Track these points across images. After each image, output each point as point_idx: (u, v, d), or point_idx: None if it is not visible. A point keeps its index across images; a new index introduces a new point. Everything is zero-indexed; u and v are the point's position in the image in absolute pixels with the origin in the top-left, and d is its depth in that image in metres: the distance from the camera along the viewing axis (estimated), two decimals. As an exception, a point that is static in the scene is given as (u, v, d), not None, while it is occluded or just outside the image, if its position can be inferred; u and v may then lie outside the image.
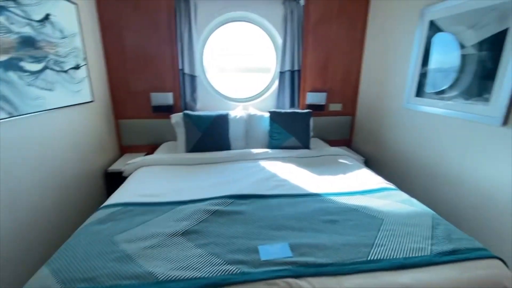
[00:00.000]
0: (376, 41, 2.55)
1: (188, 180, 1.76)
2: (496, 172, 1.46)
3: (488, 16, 1.45)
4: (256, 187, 1.62)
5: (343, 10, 2.63)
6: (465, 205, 1.66)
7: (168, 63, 2.52)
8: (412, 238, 1.13)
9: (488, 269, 0.98)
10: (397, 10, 2.22)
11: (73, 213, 1.88)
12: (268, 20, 2.60)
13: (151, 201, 1.46)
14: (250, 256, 1.01)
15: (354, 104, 2.96)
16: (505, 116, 1.38)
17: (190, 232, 1.17)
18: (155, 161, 2.04)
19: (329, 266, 0.96)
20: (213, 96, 2.74)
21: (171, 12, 2.38)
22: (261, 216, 1.30)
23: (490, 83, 1.45)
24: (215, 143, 2.24)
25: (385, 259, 1.00)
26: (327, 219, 1.28)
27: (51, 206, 1.66)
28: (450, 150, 1.75)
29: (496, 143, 1.45)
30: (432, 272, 0.96)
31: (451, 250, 1.04)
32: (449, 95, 1.74)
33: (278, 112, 2.37)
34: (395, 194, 1.55)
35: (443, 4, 1.74)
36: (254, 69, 2.87)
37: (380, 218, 1.29)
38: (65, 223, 1.78)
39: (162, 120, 2.64)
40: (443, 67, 1.79)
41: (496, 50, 1.41)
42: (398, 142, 2.27)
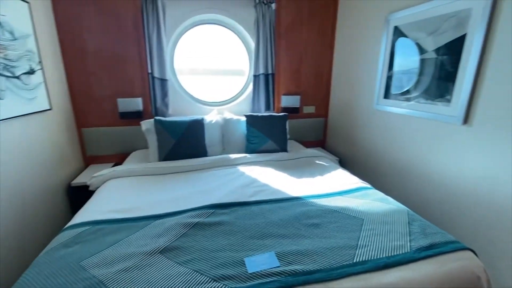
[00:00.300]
0: (345, 45, 2.65)
1: (163, 191, 1.66)
2: (459, 167, 1.57)
3: (447, 22, 1.56)
4: (237, 195, 1.57)
5: (313, 15, 2.69)
6: (433, 200, 1.77)
7: (136, 67, 2.37)
8: (392, 236, 1.17)
9: (461, 261, 1.04)
10: (364, 16, 2.33)
11: (33, 237, 1.68)
12: (240, 23, 2.58)
13: (123, 217, 1.34)
14: (236, 270, 0.96)
15: (327, 106, 3.05)
16: (465, 116, 1.50)
17: (170, 249, 1.09)
18: (125, 172, 1.89)
19: (318, 273, 0.95)
20: (185, 100, 2.65)
21: (138, 13, 2.25)
22: (244, 226, 1.26)
23: (451, 85, 1.56)
24: (190, 150, 2.15)
25: (370, 260, 1.02)
26: (310, 223, 1.28)
27: (6, 229, 1.46)
28: (417, 148, 1.86)
29: (458, 141, 1.57)
30: (413, 268, 0.99)
31: (428, 245, 1.09)
32: (411, 96, 1.86)
33: (255, 116, 2.35)
34: (371, 193, 1.60)
35: (405, 12, 1.85)
36: (227, 71, 2.82)
37: (361, 218, 1.31)
38: (23, 248, 1.58)
39: (131, 127, 2.48)
40: (405, 70, 1.91)
41: (456, 55, 1.53)
42: (370, 142, 2.37)
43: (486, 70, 1.39)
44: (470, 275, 1.00)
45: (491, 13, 1.33)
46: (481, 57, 1.40)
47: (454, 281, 0.98)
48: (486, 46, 1.38)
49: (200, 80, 2.74)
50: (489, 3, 1.33)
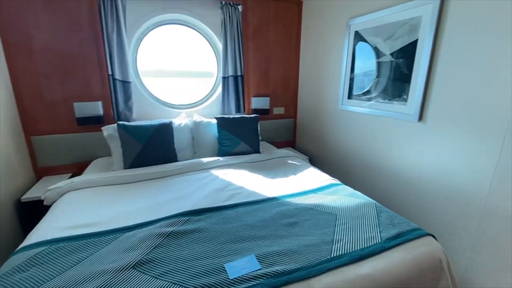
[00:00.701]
0: (310, 48, 2.75)
1: (132, 201, 1.55)
2: (416, 160, 1.73)
3: (401, 28, 1.71)
4: (211, 200, 1.53)
5: (279, 18, 2.75)
6: (396, 191, 1.91)
7: (94, 68, 2.19)
8: (364, 228, 1.23)
9: (425, 246, 1.14)
10: (327, 21, 2.44)
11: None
12: (207, 24, 2.53)
13: (87, 232, 1.22)
14: (217, 278, 0.93)
15: (295, 107, 3.13)
16: (420, 113, 1.65)
17: (144, 262, 1.02)
18: (86, 182, 1.73)
19: (298, 271, 0.96)
20: (151, 103, 2.52)
21: (94, 11, 2.08)
22: (221, 231, 1.23)
23: (407, 86, 1.71)
24: (159, 156, 2.05)
25: (346, 253, 1.07)
26: (287, 222, 1.30)
27: None
28: (380, 145, 2.00)
29: (415, 136, 1.72)
30: (385, 258, 1.06)
31: (396, 234, 1.18)
32: (371, 96, 2.00)
33: (226, 118, 2.32)
34: (341, 189, 1.68)
35: (364, 18, 1.98)
36: (195, 73, 2.75)
37: (334, 214, 1.37)
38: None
39: (90, 133, 2.28)
40: (365, 72, 2.04)
41: (410, 58, 1.67)
42: (336, 140, 2.49)
43: (435, 72, 1.54)
44: (433, 259, 1.10)
45: (438, 20, 1.48)
46: (431, 60, 1.55)
47: (420, 265, 1.07)
48: (434, 50, 1.53)
49: (166, 83, 2.63)
50: (436, 11, 1.48)
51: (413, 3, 1.60)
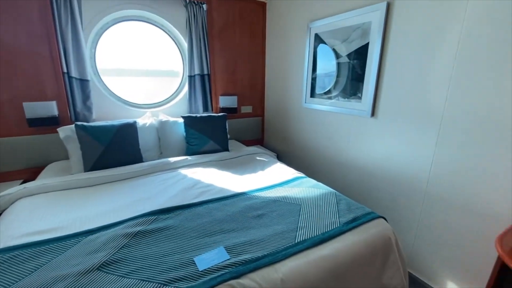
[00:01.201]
0: (275, 49, 2.85)
1: (94, 204, 1.48)
2: (370, 152, 1.90)
3: (355, 32, 1.87)
4: (180, 198, 1.53)
5: (244, 19, 2.81)
6: (354, 181, 2.08)
7: (46, 65, 2.04)
8: (325, 215, 1.34)
9: (377, 227, 1.27)
10: (289, 23, 2.55)
11: None
12: (171, 22, 2.49)
13: (45, 238, 1.15)
14: (187, 270, 0.95)
15: (263, 106, 3.22)
16: (372, 110, 1.82)
17: (109, 263, 1.00)
18: (41, 188, 1.61)
19: (265, 258, 1.02)
20: (112, 103, 2.41)
21: (46, 4, 1.93)
22: (190, 227, 1.25)
23: (361, 85, 1.87)
24: (123, 157, 1.98)
25: (309, 238, 1.15)
26: (255, 215, 1.36)
27: None
28: (339, 139, 2.16)
29: (368, 131, 1.89)
30: (343, 240, 1.17)
31: (353, 219, 1.30)
32: (332, 95, 2.14)
33: (193, 117, 2.31)
34: (305, 181, 1.79)
35: (322, 21, 2.12)
36: (159, 72, 2.68)
37: (298, 204, 1.46)
38: None
39: (43, 135, 2.12)
40: (326, 72, 2.18)
41: (363, 59, 1.84)
42: (301, 137, 2.62)
43: (384, 72, 1.72)
44: (384, 238, 1.24)
45: (385, 26, 1.65)
46: (380, 61, 1.72)
47: (373, 244, 1.19)
48: (383, 52, 1.70)
49: (130, 82, 2.53)
50: (383, 17, 1.64)
51: (364, 9, 1.76)
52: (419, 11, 1.48)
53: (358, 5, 1.82)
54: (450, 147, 1.42)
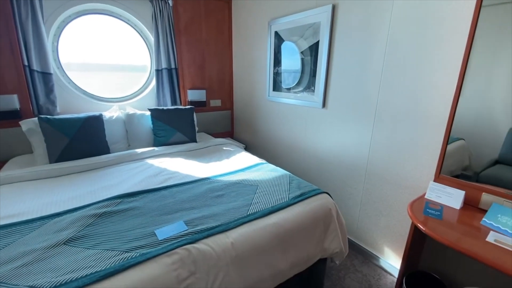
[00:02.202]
0: (241, 45, 2.99)
1: (60, 192, 1.54)
2: (323, 139, 2.12)
3: (308, 31, 2.06)
4: (146, 184, 1.64)
5: (210, 15, 2.91)
6: (310, 165, 2.30)
7: (6, 58, 2.01)
8: (277, 193, 1.52)
9: (320, 200, 1.48)
10: (252, 21, 2.71)
11: None
12: (136, 16, 2.54)
13: (11, 222, 1.22)
14: (147, 240, 1.08)
15: (231, 99, 3.35)
16: (323, 101, 2.03)
17: (75, 238, 1.10)
18: (5, 179, 1.63)
19: (218, 227, 1.17)
20: (78, 97, 2.41)
21: (2, -5, 1.91)
22: (154, 207, 1.37)
23: (315, 79, 2.08)
24: (89, 149, 2.02)
25: (259, 211, 1.33)
26: (215, 195, 1.50)
27: None
28: (298, 129, 2.37)
29: (321, 120, 2.11)
30: (289, 211, 1.36)
31: (300, 194, 1.49)
32: (296, 90, 2.32)
33: (160, 109, 2.39)
34: (265, 166, 1.96)
35: (281, 20, 2.29)
36: (125, 67, 2.71)
37: (256, 185, 1.63)
38: None
39: (4, 129, 2.09)
40: (291, 68, 2.35)
41: (316, 56, 2.04)
42: (266, 128, 2.80)
43: (332, 68, 1.93)
44: (325, 208, 1.45)
45: (331, 26, 1.86)
46: (328, 57, 1.93)
47: (315, 214, 1.40)
48: (331, 50, 1.91)
49: (95, 76, 2.54)
50: (329, 18, 1.85)
51: (314, 11, 1.96)
52: (357, 12, 1.70)
53: (310, 6, 2.01)
54: (382, 132, 1.67)
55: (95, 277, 0.88)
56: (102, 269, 0.92)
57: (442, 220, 1.17)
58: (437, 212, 1.21)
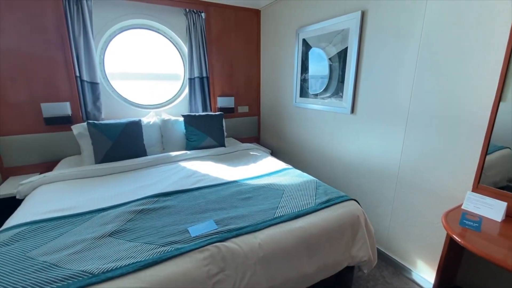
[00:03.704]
0: (269, 53, 3.07)
1: (104, 190, 1.71)
2: (350, 145, 2.09)
3: (336, 38, 2.07)
4: (179, 185, 1.75)
5: (240, 25, 3.04)
6: (336, 171, 2.27)
7: (61, 70, 2.28)
8: (303, 198, 1.54)
9: (347, 207, 1.47)
10: (280, 29, 2.77)
11: None
12: (172, 29, 2.73)
13: (65, 214, 1.38)
14: (181, 236, 1.16)
15: (258, 105, 3.43)
16: (352, 107, 2.02)
17: (118, 231, 1.22)
18: (58, 176, 1.84)
19: (247, 227, 1.22)
20: (119, 104, 2.65)
21: (60, 15, 2.18)
22: (186, 206, 1.46)
23: (343, 85, 2.07)
24: (129, 151, 2.20)
25: (286, 214, 1.35)
26: (243, 198, 1.56)
27: None
28: (325, 134, 2.36)
29: (349, 126, 2.08)
30: (315, 215, 1.37)
31: (327, 200, 1.50)
32: (323, 96, 2.33)
33: (193, 116, 2.53)
34: (291, 171, 1.99)
35: (308, 28, 2.33)
36: (161, 76, 2.92)
37: (282, 190, 1.66)
38: None
39: (58, 133, 2.36)
40: (318, 74, 2.37)
41: (344, 62, 2.04)
42: (293, 133, 2.82)
43: (361, 73, 1.92)
44: (352, 215, 1.43)
45: (360, 32, 1.86)
46: (357, 63, 1.92)
47: (342, 220, 1.39)
48: (359, 56, 1.91)
49: (134, 85, 2.77)
50: (358, 25, 1.85)
51: (342, 18, 1.97)
52: (387, 18, 1.68)
53: (338, 13, 2.03)
54: (415, 139, 1.61)
55: (136, 266, 0.97)
56: (143, 259, 1.01)
57: (480, 232, 1.10)
58: (475, 223, 1.14)
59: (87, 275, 0.93)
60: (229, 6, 2.90)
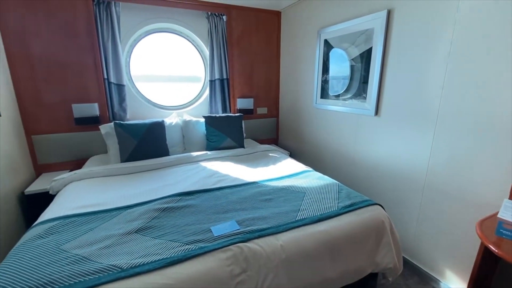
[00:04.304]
0: (289, 54, 3.06)
1: (130, 187, 1.77)
2: (374, 148, 2.03)
3: (360, 38, 2.03)
4: (200, 184, 1.78)
5: (260, 27, 3.05)
6: (359, 175, 2.21)
7: (91, 73, 2.40)
8: (325, 201, 1.51)
9: (372, 212, 1.42)
10: (301, 30, 2.75)
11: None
12: (194, 32, 2.79)
13: (94, 210, 1.44)
14: (205, 235, 1.18)
15: (277, 107, 3.43)
16: (376, 109, 1.96)
17: (144, 228, 1.26)
18: (87, 174, 1.94)
19: (269, 229, 1.22)
20: (143, 105, 2.74)
21: (91, 21, 2.30)
22: (208, 206, 1.48)
23: (366, 86, 2.02)
24: (152, 151, 2.27)
25: (308, 217, 1.34)
26: (264, 199, 1.56)
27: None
28: (346, 137, 2.31)
29: (373, 129, 2.03)
30: (339, 219, 1.34)
31: (350, 204, 1.46)
32: (345, 97, 2.28)
33: (213, 117, 2.57)
34: (312, 174, 1.96)
35: (331, 28, 2.29)
36: (183, 78, 2.99)
37: (303, 192, 1.64)
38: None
39: (87, 132, 2.48)
40: (338, 75, 2.33)
41: (368, 62, 1.99)
42: (312, 135, 2.79)
43: (386, 74, 1.86)
44: (377, 220, 1.39)
45: (386, 32, 1.80)
46: (382, 64, 1.86)
47: (366, 225, 1.35)
48: (384, 56, 1.85)
49: (157, 86, 2.86)
50: (384, 24, 1.80)
51: (367, 17, 1.92)
52: (415, 16, 1.62)
53: (362, 13, 1.98)
54: (445, 142, 1.54)
55: (162, 263, 1.00)
56: (168, 257, 1.04)
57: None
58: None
59: (117, 269, 0.97)
60: (250, 8, 2.92)
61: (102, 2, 2.28)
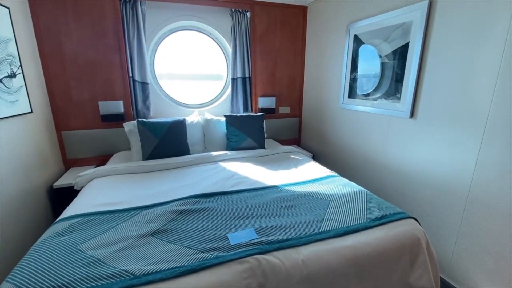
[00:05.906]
0: (314, 51, 2.91)
1: (149, 186, 1.76)
2: (408, 154, 1.85)
3: (395, 32, 1.85)
4: (219, 186, 1.72)
5: (285, 23, 2.93)
6: (389, 182, 2.03)
7: (117, 71, 2.45)
8: (352, 211, 1.38)
9: (406, 226, 1.27)
10: (329, 25, 2.60)
11: (15, 235, 1.70)
12: (217, 30, 2.75)
13: (113, 209, 1.44)
14: (221, 243, 1.11)
15: (300, 106, 3.29)
16: (411, 111, 1.77)
17: (160, 231, 1.22)
18: (110, 171, 1.97)
19: (289, 241, 1.12)
20: (166, 103, 2.75)
21: (118, 20, 2.34)
22: (226, 210, 1.42)
23: (401, 85, 1.84)
24: (173, 149, 2.26)
25: (333, 229, 1.22)
26: (285, 205, 1.46)
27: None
28: (376, 140, 2.13)
29: (407, 132, 1.84)
30: (367, 234, 1.21)
31: (380, 216, 1.32)
32: (374, 96, 2.11)
33: (234, 116, 2.51)
34: (337, 179, 1.82)
35: (362, 23, 2.13)
36: (205, 76, 2.96)
37: (327, 200, 1.52)
38: (3, 246, 1.61)
39: (112, 129, 2.54)
40: (368, 73, 2.16)
41: (402, 59, 1.81)
42: (337, 137, 2.63)
43: (424, 73, 1.67)
44: (411, 237, 1.24)
45: (426, 25, 1.62)
46: (420, 61, 1.68)
47: (400, 241, 1.20)
48: (423, 52, 1.66)
49: (180, 84, 2.86)
50: (424, 16, 1.61)
51: (404, 9, 1.74)
52: (463, 7, 1.43)
53: (398, 5, 1.80)
54: (495, 150, 1.34)
55: (176, 272, 0.94)
56: (181, 265, 0.98)
57: None
58: None
59: (129, 276, 0.93)
60: (275, 4, 2.82)
61: (129, 1, 2.30)
